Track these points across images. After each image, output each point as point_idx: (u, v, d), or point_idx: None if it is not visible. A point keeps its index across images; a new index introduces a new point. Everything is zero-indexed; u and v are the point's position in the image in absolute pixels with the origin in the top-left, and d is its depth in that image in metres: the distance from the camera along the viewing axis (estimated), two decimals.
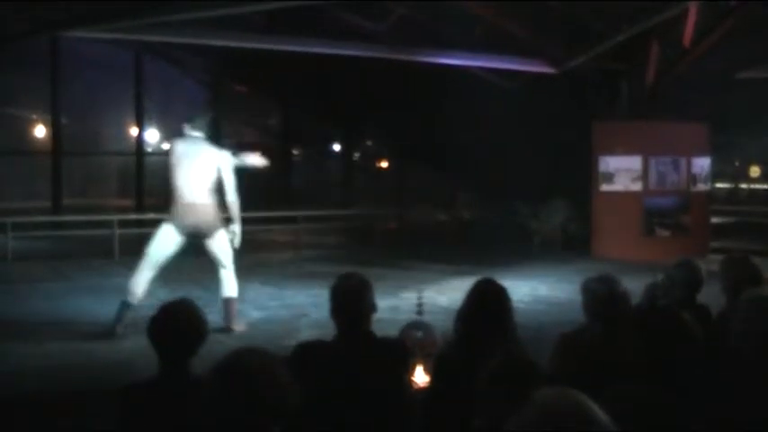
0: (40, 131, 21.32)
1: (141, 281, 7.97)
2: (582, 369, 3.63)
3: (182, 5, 11.92)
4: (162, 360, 3.35)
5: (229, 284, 8.33)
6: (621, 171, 14.69)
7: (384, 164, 25.17)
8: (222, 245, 8.30)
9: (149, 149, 20.77)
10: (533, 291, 10.38)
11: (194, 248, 8.34)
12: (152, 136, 21.83)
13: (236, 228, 8.39)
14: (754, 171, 22.83)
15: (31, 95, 19.77)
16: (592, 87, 15.72)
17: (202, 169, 8.06)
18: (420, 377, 5.17)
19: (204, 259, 13.83)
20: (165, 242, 8.08)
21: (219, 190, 8.23)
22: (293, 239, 16.33)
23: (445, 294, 9.51)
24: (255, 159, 8.63)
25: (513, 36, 14.35)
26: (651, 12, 12.97)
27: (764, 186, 23.42)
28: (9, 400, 5.74)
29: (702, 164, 15.18)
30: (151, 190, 18.26)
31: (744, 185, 23.39)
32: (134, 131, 20.09)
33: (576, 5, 13.54)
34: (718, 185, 20.07)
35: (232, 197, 8.29)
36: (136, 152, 19.64)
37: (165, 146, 8.25)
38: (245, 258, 14.15)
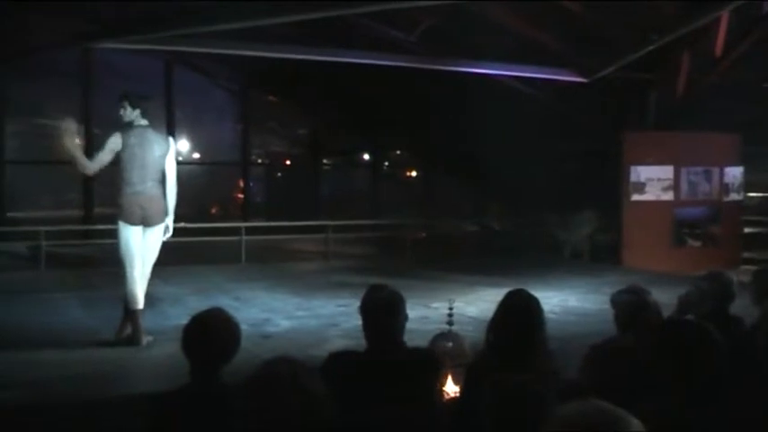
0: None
1: (135, 285, 7.80)
2: (612, 380, 3.61)
3: (210, 18, 12.02)
4: (194, 368, 3.36)
5: (141, 293, 7.91)
6: (653, 181, 14.61)
7: (412, 173, 25.18)
8: (156, 241, 8.00)
9: (180, 158, 20.87)
10: (563, 302, 10.31)
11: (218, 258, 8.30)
12: (182, 145, 21.98)
13: (170, 219, 8.07)
14: None
15: (62, 105, 19.95)
16: (621, 97, 15.65)
17: (151, 159, 7.82)
18: (450, 387, 5.16)
19: (231, 268, 14.01)
20: (131, 241, 7.81)
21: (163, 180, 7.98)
22: (322, 249, 16.35)
23: (474, 305, 9.48)
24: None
25: (543, 45, 14.32)
26: (683, 21, 12.89)
27: None
28: (39, 406, 5.78)
29: (735, 173, 15.07)
30: (181, 199, 18.37)
31: None
32: None
33: (607, 14, 13.48)
34: (751, 194, 19.88)
35: (173, 186, 8.02)
36: None
37: (115, 140, 7.86)
38: (274, 268, 14.31)
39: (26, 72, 17.80)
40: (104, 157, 7.80)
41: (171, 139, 8.24)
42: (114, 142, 7.77)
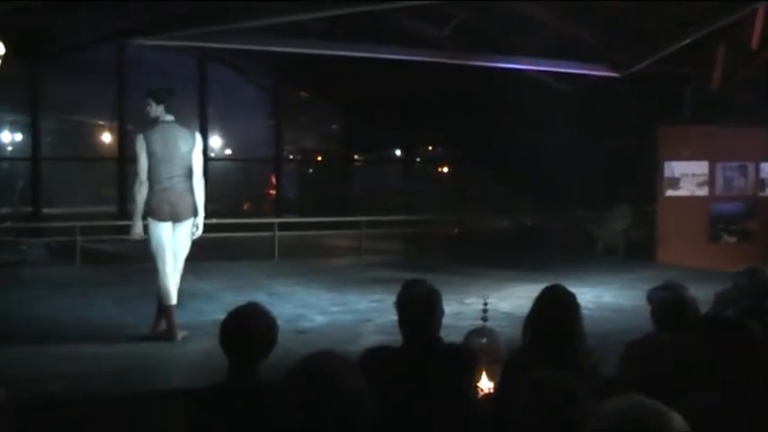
0: (106, 138, 21.72)
1: (168, 281, 7.86)
2: (651, 377, 3.58)
3: (243, 15, 12.06)
4: (232, 363, 3.37)
5: (174, 288, 7.98)
6: (687, 176, 14.49)
7: (444, 169, 25.15)
8: (186, 235, 8.03)
9: (212, 155, 21.01)
10: (597, 298, 10.25)
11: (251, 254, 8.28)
12: (215, 142, 22.11)
13: (200, 218, 8.07)
14: None
15: (97, 103, 20.13)
16: (656, 91, 15.52)
17: (177, 155, 7.83)
18: (485, 383, 5.14)
19: (265, 264, 14.07)
20: (162, 237, 7.86)
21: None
22: (355, 245, 16.37)
23: (508, 300, 9.45)
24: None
25: (577, 40, 14.23)
26: (719, 14, 12.76)
27: None
28: (74, 401, 5.83)
29: None
30: (215, 195, 18.48)
31: None
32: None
33: (642, 8, 13.37)
34: None
35: (200, 181, 8.02)
36: None
37: (140, 140, 7.91)
38: (307, 264, 14.35)
39: (61, 69, 17.94)
40: (142, 162, 7.83)
41: (197, 134, 8.24)
42: (140, 143, 7.83)
